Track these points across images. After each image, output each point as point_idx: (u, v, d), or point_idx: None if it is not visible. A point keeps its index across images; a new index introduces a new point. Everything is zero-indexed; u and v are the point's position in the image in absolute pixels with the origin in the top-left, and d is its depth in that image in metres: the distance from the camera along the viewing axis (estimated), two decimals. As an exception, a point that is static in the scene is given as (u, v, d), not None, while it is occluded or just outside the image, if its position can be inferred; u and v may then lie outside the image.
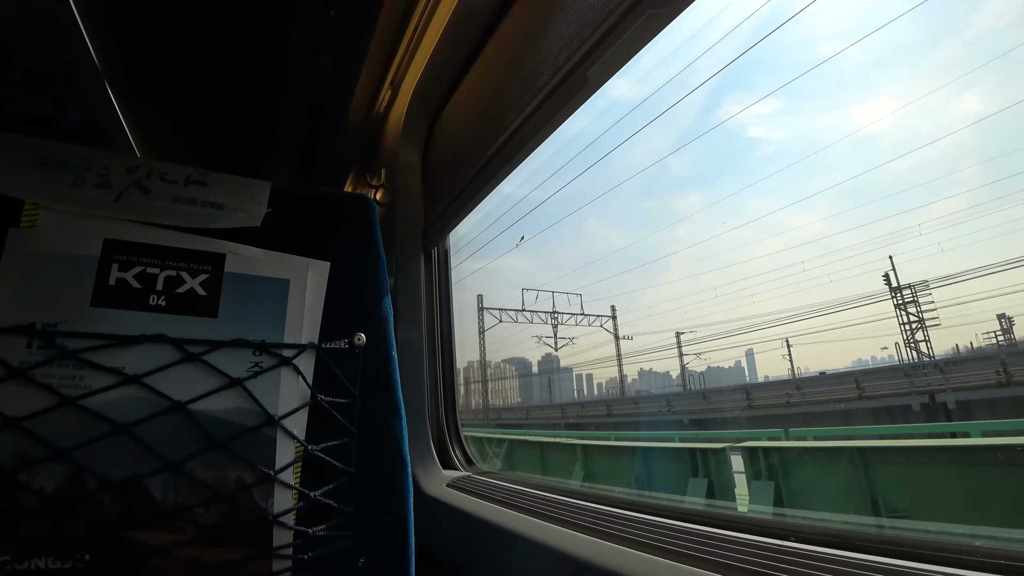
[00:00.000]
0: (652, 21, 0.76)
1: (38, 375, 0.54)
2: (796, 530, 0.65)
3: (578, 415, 22.41)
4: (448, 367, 1.52)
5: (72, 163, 0.63)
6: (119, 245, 0.60)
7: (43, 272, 0.57)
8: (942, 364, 12.98)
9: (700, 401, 17.62)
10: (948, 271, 26.84)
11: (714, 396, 17.46)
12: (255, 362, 0.62)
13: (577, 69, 0.87)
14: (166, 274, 0.61)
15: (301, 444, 0.63)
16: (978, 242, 32.76)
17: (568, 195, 72.29)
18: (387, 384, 0.73)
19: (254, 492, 0.59)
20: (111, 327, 0.58)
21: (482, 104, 1.24)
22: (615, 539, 0.74)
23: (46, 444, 0.53)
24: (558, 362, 39.39)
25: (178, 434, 0.58)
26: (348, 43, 1.43)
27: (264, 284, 0.65)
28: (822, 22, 75.16)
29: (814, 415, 12.94)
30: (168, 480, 0.57)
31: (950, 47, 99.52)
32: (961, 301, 19.67)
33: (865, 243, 40.81)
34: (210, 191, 0.68)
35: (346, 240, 0.75)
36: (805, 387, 14.64)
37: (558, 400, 37.30)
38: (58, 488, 0.53)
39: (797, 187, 61.01)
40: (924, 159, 36.85)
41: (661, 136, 69.57)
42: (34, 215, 0.59)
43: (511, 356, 48.26)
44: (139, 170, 0.65)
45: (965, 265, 35.77)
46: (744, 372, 53.43)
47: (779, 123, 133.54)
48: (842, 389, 13.04)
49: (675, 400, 19.51)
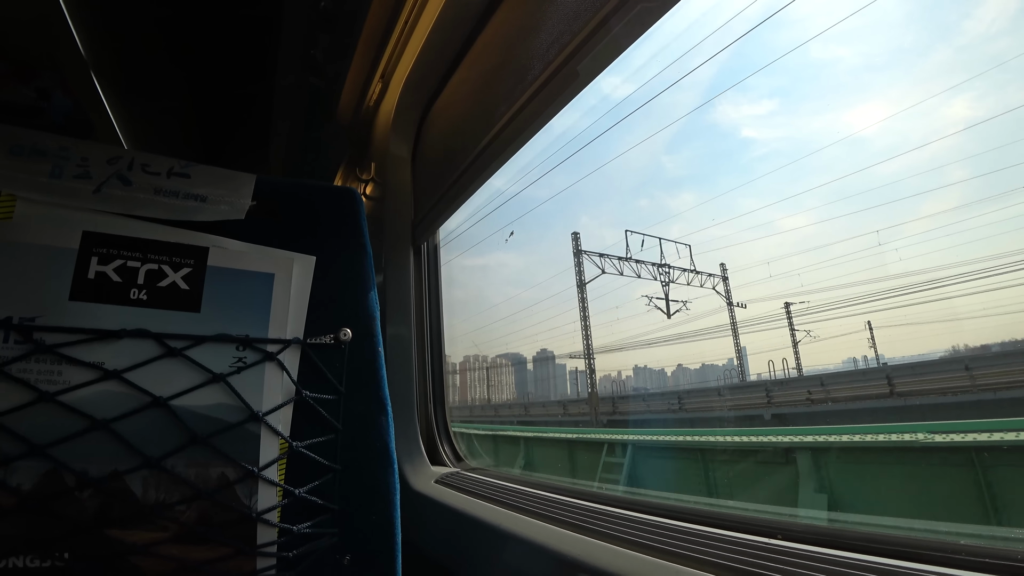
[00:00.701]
0: (644, 15, 0.75)
1: (14, 370, 0.53)
2: (783, 528, 0.65)
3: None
4: (437, 362, 1.51)
5: (50, 152, 0.61)
6: (99, 238, 0.59)
7: (19, 265, 0.56)
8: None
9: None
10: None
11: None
12: (238, 357, 0.61)
13: (568, 63, 0.87)
14: (147, 267, 0.60)
15: (285, 440, 0.62)
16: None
17: (561, 191, 72.13)
18: (373, 380, 0.72)
19: (237, 489, 0.59)
20: (90, 321, 0.56)
21: (473, 98, 1.23)
22: (605, 537, 0.74)
23: (22, 440, 0.52)
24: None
25: (159, 430, 0.57)
26: (339, 35, 1.42)
27: (248, 278, 0.64)
28: (815, 25, 75.33)
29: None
30: (149, 477, 0.56)
31: (942, 52, 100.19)
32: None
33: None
34: (193, 183, 0.67)
35: (332, 234, 0.74)
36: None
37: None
38: (35, 486, 0.52)
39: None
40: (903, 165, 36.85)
41: (655, 132, 69.41)
42: (10, 206, 0.57)
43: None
44: (120, 161, 0.64)
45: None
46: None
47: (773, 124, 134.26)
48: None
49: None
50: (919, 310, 21.35)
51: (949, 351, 16.19)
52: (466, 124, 1.23)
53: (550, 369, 47.91)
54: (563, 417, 18.48)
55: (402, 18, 1.31)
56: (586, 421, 16.17)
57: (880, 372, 10.60)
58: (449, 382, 1.59)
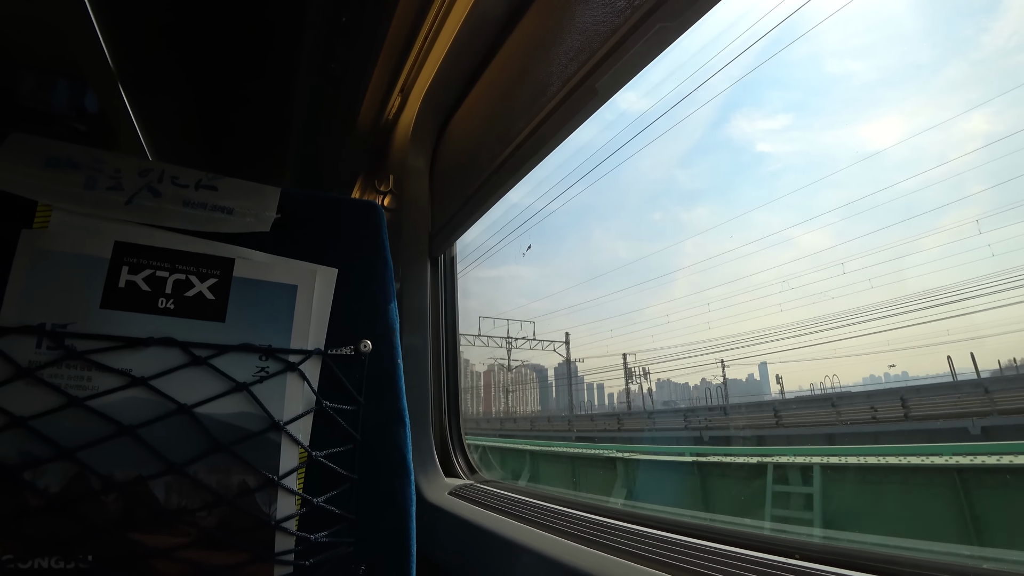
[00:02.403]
0: (662, 34, 0.76)
1: (46, 375, 0.55)
2: (800, 547, 0.65)
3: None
4: (452, 374, 1.52)
5: (84, 164, 0.63)
6: (129, 248, 0.61)
7: (54, 273, 0.57)
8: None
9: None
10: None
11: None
12: (261, 367, 0.62)
13: (587, 80, 0.88)
14: (175, 277, 0.62)
15: (305, 450, 0.63)
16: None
17: (576, 205, 72.17)
18: (392, 391, 0.73)
19: (257, 496, 0.59)
20: (120, 329, 0.58)
21: (491, 112, 1.24)
22: (621, 553, 0.73)
23: (52, 444, 0.53)
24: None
25: (183, 437, 0.58)
26: (358, 49, 1.44)
27: (272, 289, 0.66)
28: (831, 40, 75.35)
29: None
30: (171, 482, 0.57)
31: (957, 67, 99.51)
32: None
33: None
34: (220, 195, 0.68)
35: (354, 246, 0.75)
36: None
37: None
38: (62, 488, 0.53)
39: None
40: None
41: (669, 148, 69.36)
42: (47, 216, 0.59)
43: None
44: (151, 173, 0.66)
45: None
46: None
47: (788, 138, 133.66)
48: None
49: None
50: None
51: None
52: (484, 138, 1.24)
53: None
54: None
55: (422, 33, 1.33)
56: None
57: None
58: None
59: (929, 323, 17.76)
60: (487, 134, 1.23)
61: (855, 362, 28.70)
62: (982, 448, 4.27)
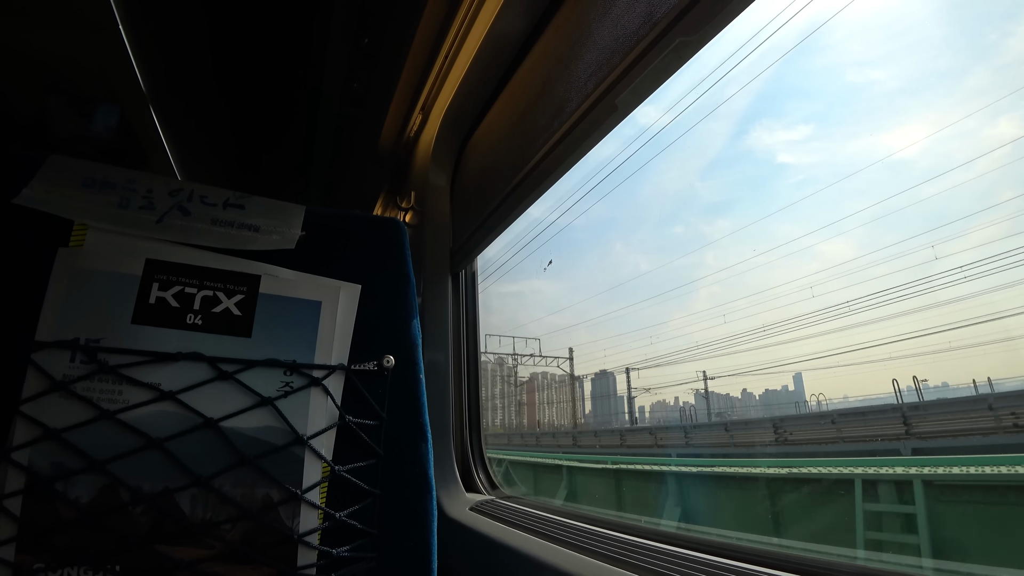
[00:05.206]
0: (682, 49, 0.76)
1: (79, 388, 0.56)
2: (834, 569, 0.63)
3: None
4: (474, 389, 1.51)
5: (119, 185, 0.65)
6: (160, 265, 0.63)
7: (88, 290, 0.59)
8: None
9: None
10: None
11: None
12: (286, 382, 0.63)
13: (606, 96, 0.88)
14: (203, 294, 0.63)
15: (328, 464, 0.63)
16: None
17: (595, 220, 72.15)
18: (414, 407, 0.73)
19: (280, 511, 0.60)
20: (150, 344, 0.59)
21: (511, 129, 1.25)
22: (647, 573, 0.72)
23: (83, 456, 0.55)
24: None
25: (209, 450, 0.59)
26: (380, 70, 1.47)
27: (296, 305, 0.67)
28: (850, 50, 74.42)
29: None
30: (197, 495, 0.58)
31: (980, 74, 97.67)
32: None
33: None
34: (247, 214, 0.70)
35: (377, 263, 0.76)
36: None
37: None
38: (92, 499, 0.55)
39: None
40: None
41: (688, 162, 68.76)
42: (82, 235, 0.61)
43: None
44: (181, 193, 0.68)
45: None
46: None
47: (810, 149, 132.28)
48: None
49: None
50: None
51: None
52: (504, 155, 1.25)
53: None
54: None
55: (442, 53, 1.36)
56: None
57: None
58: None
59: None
60: (507, 150, 1.24)
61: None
62: None
